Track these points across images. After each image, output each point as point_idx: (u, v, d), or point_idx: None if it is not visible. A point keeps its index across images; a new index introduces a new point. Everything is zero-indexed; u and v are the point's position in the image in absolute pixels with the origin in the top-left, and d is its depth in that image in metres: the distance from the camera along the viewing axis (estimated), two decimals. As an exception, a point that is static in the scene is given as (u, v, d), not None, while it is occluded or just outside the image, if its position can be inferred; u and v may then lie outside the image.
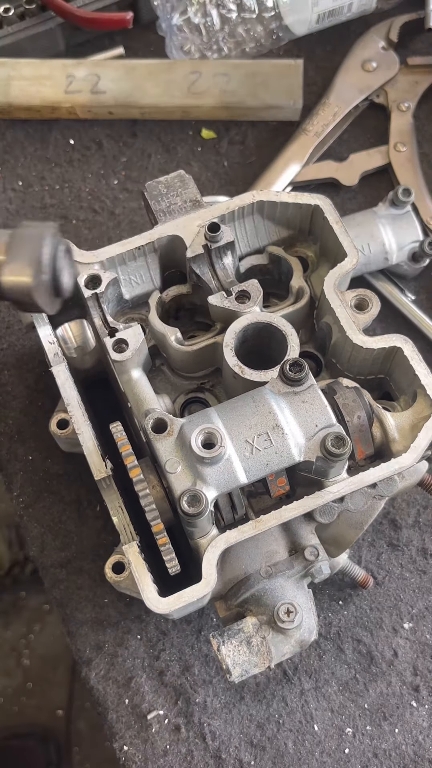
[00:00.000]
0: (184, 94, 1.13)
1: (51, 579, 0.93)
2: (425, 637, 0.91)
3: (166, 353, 0.89)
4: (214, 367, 0.89)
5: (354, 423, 0.79)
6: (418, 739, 0.87)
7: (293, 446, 0.74)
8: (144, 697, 0.89)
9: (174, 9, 1.13)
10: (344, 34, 1.18)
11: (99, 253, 0.85)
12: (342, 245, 0.86)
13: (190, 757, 0.87)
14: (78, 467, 0.97)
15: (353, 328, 0.82)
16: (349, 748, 0.87)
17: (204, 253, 0.85)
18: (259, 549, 0.80)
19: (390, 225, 0.98)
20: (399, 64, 1.15)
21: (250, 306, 0.84)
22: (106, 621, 0.92)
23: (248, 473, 0.74)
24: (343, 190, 1.11)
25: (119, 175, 1.14)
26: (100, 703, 0.89)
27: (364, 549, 0.95)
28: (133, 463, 0.74)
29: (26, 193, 1.13)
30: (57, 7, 1.14)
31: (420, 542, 0.95)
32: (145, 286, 0.89)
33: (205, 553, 0.73)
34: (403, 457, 0.77)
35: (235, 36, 1.15)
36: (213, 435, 0.73)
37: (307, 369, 0.76)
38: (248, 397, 0.76)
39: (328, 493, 0.75)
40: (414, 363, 0.80)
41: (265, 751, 0.87)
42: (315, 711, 0.89)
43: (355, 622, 0.92)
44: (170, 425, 0.75)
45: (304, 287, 0.89)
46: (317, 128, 1.11)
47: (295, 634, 0.77)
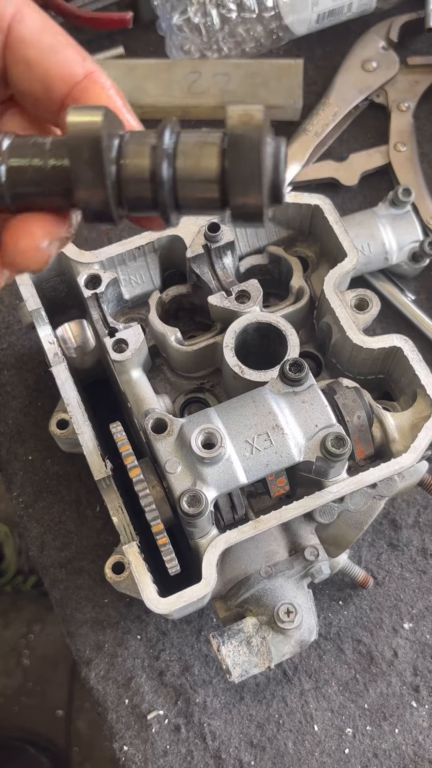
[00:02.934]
0: (184, 93, 1.13)
1: (51, 579, 0.93)
2: (425, 638, 0.91)
3: (166, 353, 0.89)
4: (214, 367, 0.89)
5: (354, 423, 0.79)
6: (418, 739, 0.87)
7: (293, 446, 0.74)
8: (144, 698, 0.89)
9: (174, 9, 1.13)
10: (344, 34, 1.18)
11: (99, 253, 0.85)
12: (342, 245, 0.86)
13: (190, 757, 0.87)
14: (78, 467, 0.97)
15: (353, 328, 0.82)
16: (349, 748, 0.87)
17: (204, 253, 0.85)
18: (259, 549, 0.80)
19: (390, 225, 0.98)
20: (399, 64, 1.15)
21: (250, 306, 0.83)
22: (105, 621, 0.92)
23: (248, 473, 0.74)
24: (343, 190, 1.11)
25: (119, 175, 1.14)
26: (99, 703, 0.89)
27: (364, 549, 0.95)
28: (133, 463, 0.74)
29: (26, 193, 1.12)
30: (57, 7, 1.14)
31: (420, 542, 0.95)
32: (145, 286, 0.89)
33: (205, 554, 0.73)
34: (403, 457, 0.77)
35: (235, 36, 1.15)
36: (213, 435, 0.73)
37: (307, 369, 0.76)
38: (248, 397, 0.76)
39: (328, 493, 0.75)
40: (414, 363, 0.80)
41: (265, 751, 0.87)
42: (315, 711, 0.89)
43: (355, 622, 0.92)
44: (170, 425, 0.75)
45: (304, 287, 0.89)
46: (317, 128, 1.11)
47: (295, 635, 0.77)
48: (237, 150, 0.48)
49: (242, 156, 0.48)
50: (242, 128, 0.48)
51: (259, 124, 0.48)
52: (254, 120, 0.48)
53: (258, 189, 0.48)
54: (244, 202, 0.49)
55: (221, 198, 0.49)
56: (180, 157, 0.49)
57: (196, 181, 0.49)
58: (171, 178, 0.49)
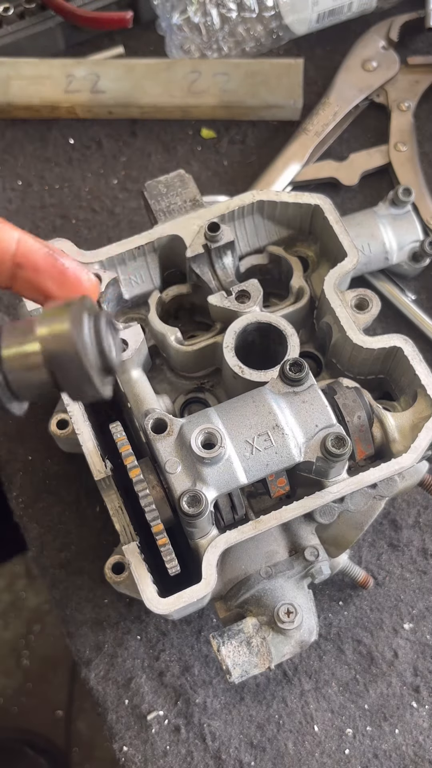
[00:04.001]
0: (184, 93, 1.13)
1: (51, 579, 0.93)
2: (425, 638, 0.91)
3: (166, 353, 0.89)
4: (214, 367, 0.89)
5: (354, 423, 0.79)
6: (418, 739, 0.87)
7: (293, 446, 0.74)
8: (144, 698, 0.89)
9: (174, 8, 1.13)
10: (344, 33, 1.18)
11: (99, 253, 0.85)
12: (342, 245, 0.86)
13: (190, 758, 0.86)
14: (78, 467, 0.97)
15: (353, 328, 0.82)
16: (350, 748, 0.87)
17: (204, 252, 0.85)
18: (259, 549, 0.80)
19: (390, 225, 0.98)
20: (399, 64, 1.15)
21: (250, 306, 0.83)
22: (105, 621, 0.91)
23: (248, 473, 0.74)
24: (343, 189, 1.11)
25: (119, 174, 1.14)
26: (99, 703, 0.89)
27: (365, 549, 0.94)
28: (133, 463, 0.74)
29: (26, 193, 1.12)
30: (57, 7, 1.14)
31: (420, 542, 0.95)
32: (145, 285, 0.89)
33: (205, 554, 0.73)
34: (403, 458, 0.76)
35: (235, 35, 1.14)
36: (213, 435, 0.73)
37: (307, 369, 0.76)
38: (248, 397, 0.76)
39: (328, 493, 0.75)
40: (414, 363, 0.80)
41: (265, 751, 0.87)
42: (315, 712, 0.89)
43: (356, 622, 0.92)
44: (170, 425, 0.75)
45: (304, 287, 0.89)
46: (317, 128, 1.11)
47: (295, 635, 0.77)
48: (60, 367, 0.54)
49: (66, 369, 0.54)
50: (56, 344, 0.54)
51: (71, 337, 0.53)
52: (65, 334, 0.53)
53: (90, 383, 0.55)
54: (80, 395, 0.57)
55: (55, 386, 0.56)
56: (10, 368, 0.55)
57: (31, 386, 0.56)
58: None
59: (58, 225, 1.10)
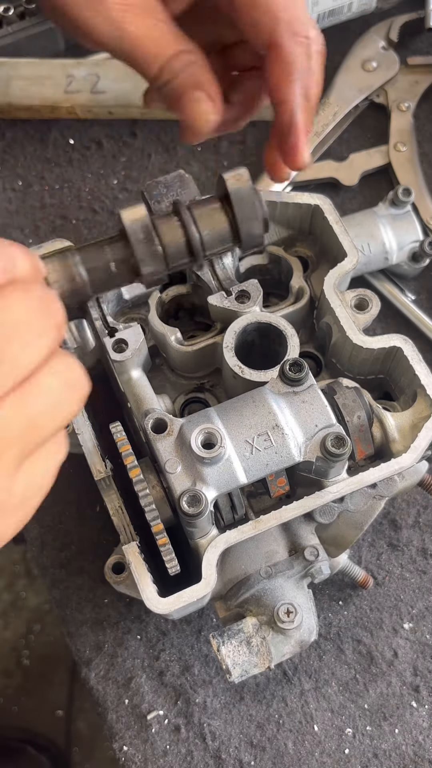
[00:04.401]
0: (184, 93, 1.13)
1: (51, 579, 0.93)
2: (425, 638, 0.91)
3: (166, 353, 0.89)
4: (214, 367, 0.89)
5: (354, 423, 0.79)
6: (418, 739, 0.87)
7: (293, 446, 0.74)
8: (144, 698, 0.89)
9: (174, 9, 1.13)
10: (344, 33, 1.18)
11: (99, 253, 0.85)
12: (342, 245, 0.86)
13: (190, 757, 0.87)
14: (78, 467, 0.97)
15: (353, 328, 0.82)
16: (349, 748, 0.87)
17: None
18: (259, 549, 0.80)
19: (390, 225, 0.98)
20: (399, 64, 1.15)
21: (250, 306, 0.83)
22: (105, 621, 0.92)
23: (248, 473, 0.74)
24: (343, 190, 1.11)
25: (119, 174, 1.14)
26: (99, 703, 0.89)
27: (364, 549, 0.95)
28: (133, 463, 0.74)
29: (26, 193, 1.13)
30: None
31: (420, 542, 0.95)
32: (145, 286, 0.89)
33: (205, 554, 0.73)
34: (403, 458, 0.77)
35: (235, 36, 1.14)
36: (213, 435, 0.73)
37: (307, 369, 0.76)
38: (248, 397, 0.76)
39: (328, 493, 0.75)
40: (414, 363, 0.80)
41: (265, 751, 0.87)
42: (315, 711, 0.89)
43: (355, 622, 0.92)
44: (170, 425, 0.75)
45: (304, 287, 0.89)
46: (317, 128, 1.11)
47: (295, 635, 0.77)
48: (240, 200, 0.72)
49: (244, 203, 0.72)
50: (239, 185, 0.72)
51: (248, 180, 0.72)
52: (244, 178, 0.72)
53: (259, 222, 0.73)
54: (250, 234, 0.73)
55: (234, 241, 0.74)
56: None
57: (217, 240, 0.73)
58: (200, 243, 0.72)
59: (58, 225, 1.10)
